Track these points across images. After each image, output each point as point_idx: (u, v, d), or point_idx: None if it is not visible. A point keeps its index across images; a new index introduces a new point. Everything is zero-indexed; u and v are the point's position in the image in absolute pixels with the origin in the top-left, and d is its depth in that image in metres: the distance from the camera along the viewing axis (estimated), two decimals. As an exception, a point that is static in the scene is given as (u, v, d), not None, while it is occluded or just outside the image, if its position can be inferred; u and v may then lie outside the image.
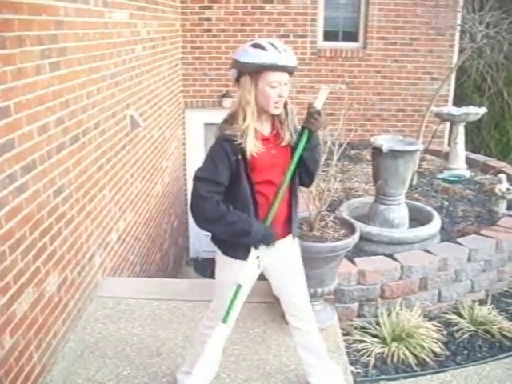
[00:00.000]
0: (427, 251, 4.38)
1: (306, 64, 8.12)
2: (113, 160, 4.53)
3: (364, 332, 3.98)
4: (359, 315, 4.14)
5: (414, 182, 6.19)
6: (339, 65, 8.28)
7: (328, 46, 8.27)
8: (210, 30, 8.08)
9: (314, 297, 3.59)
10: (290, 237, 2.75)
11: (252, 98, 2.44)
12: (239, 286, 2.58)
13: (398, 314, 4.02)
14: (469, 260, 4.41)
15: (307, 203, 3.59)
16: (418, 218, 5.00)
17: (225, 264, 2.69)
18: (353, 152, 7.43)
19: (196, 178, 2.50)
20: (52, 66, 3.27)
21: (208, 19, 8.05)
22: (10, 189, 2.79)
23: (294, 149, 2.57)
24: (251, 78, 2.42)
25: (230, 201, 2.51)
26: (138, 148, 5.41)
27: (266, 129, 2.56)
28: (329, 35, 8.37)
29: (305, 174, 2.68)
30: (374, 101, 8.36)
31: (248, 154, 2.44)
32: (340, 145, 3.61)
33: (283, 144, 2.57)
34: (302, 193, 3.59)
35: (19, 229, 2.90)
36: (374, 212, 4.92)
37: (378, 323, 4.01)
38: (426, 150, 6.84)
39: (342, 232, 3.57)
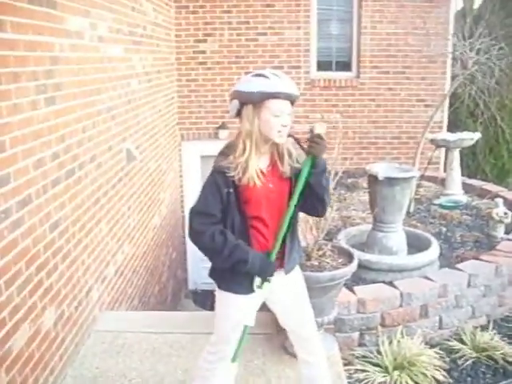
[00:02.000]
0: (427, 278, 4.36)
1: (301, 94, 8.10)
2: (109, 193, 4.53)
3: (365, 361, 3.93)
4: (360, 344, 4.09)
5: (412, 209, 6.19)
6: (333, 94, 8.36)
7: (321, 76, 8.36)
8: (204, 63, 8.16)
9: (313, 326, 3.56)
10: (288, 268, 2.69)
11: (255, 129, 2.42)
12: (246, 327, 2.57)
13: (399, 341, 3.98)
14: (469, 285, 4.39)
15: (304, 233, 3.58)
16: (416, 245, 4.99)
17: (224, 299, 2.66)
18: (349, 180, 7.45)
19: (190, 212, 2.50)
20: (47, 101, 3.30)
21: (203, 52, 8.14)
22: (6, 224, 2.79)
23: (296, 180, 2.53)
24: (254, 108, 2.41)
25: None
26: (134, 181, 5.41)
27: (263, 162, 2.53)
28: (322, 65, 8.47)
29: (316, 201, 2.61)
30: (368, 129, 8.42)
31: (247, 183, 2.41)
32: (336, 173, 3.62)
33: (284, 176, 2.54)
34: (299, 222, 3.60)
35: (15, 263, 2.88)
36: (372, 240, 4.91)
37: (379, 352, 3.97)
38: (422, 177, 6.85)
39: (341, 261, 3.55)
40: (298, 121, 8.13)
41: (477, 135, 6.61)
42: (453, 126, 8.75)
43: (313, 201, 2.61)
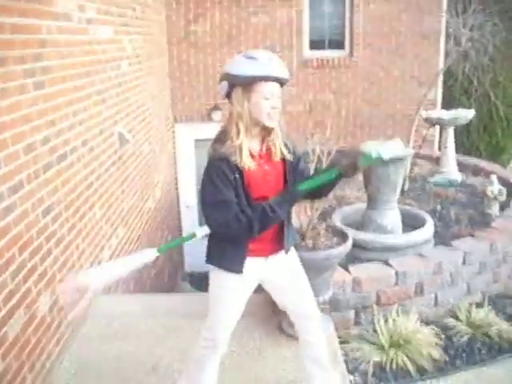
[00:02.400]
0: (422, 256, 4.37)
1: (293, 74, 8.13)
2: (102, 177, 4.50)
3: (361, 340, 3.95)
4: (356, 323, 4.12)
5: (406, 188, 6.19)
6: (326, 73, 8.31)
7: (315, 56, 8.31)
8: (196, 44, 8.09)
9: (309, 306, 3.56)
10: (282, 252, 2.68)
11: (245, 111, 2.39)
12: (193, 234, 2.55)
13: (394, 320, 4.00)
14: (464, 263, 4.40)
15: (298, 213, 3.58)
16: (411, 223, 4.99)
17: (220, 279, 2.64)
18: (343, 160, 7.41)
19: (205, 208, 2.46)
20: (36, 85, 3.25)
21: (194, 33, 8.07)
22: (-2, 210, 2.77)
23: (290, 164, 2.55)
24: (243, 90, 2.38)
25: None
26: (127, 164, 5.38)
27: (254, 145, 2.50)
28: (315, 44, 8.41)
29: (319, 195, 2.72)
30: (362, 108, 8.38)
31: (246, 169, 2.40)
32: (329, 153, 3.60)
33: (276, 159, 2.52)
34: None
35: (8, 249, 2.86)
36: (367, 219, 4.91)
37: (375, 330, 3.99)
38: (416, 155, 6.84)
39: (335, 240, 3.54)
40: (292, 101, 8.11)
41: (471, 113, 6.59)
42: (447, 104, 8.71)
43: (316, 194, 2.66)
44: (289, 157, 2.54)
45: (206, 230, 2.50)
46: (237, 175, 2.40)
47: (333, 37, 8.50)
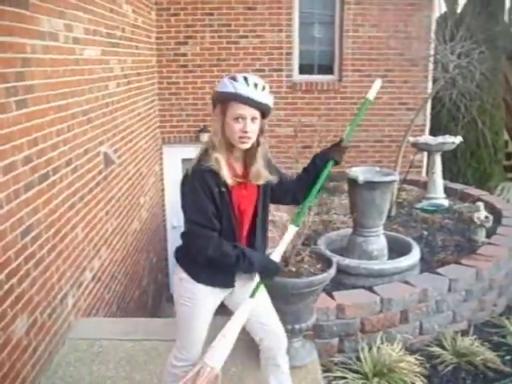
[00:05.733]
0: (407, 283, 4.33)
1: (282, 98, 8.15)
2: (86, 198, 4.45)
3: (345, 368, 3.88)
4: (339, 351, 4.05)
5: (393, 213, 6.17)
6: (315, 98, 8.33)
7: (304, 80, 8.33)
8: (185, 66, 8.10)
9: (292, 333, 3.50)
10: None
11: (219, 130, 2.42)
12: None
13: (379, 348, 3.94)
14: (449, 290, 4.36)
15: (281, 237, 3.53)
16: (397, 249, 4.96)
17: (192, 291, 2.60)
18: (331, 184, 7.41)
19: (188, 221, 2.48)
20: (18, 104, 3.21)
21: (184, 55, 8.08)
22: (-27, 230, 2.71)
23: (267, 187, 2.60)
24: (220, 110, 2.41)
25: None
26: (112, 185, 5.33)
27: (238, 165, 2.52)
28: (304, 68, 8.44)
29: (303, 193, 2.70)
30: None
31: (231, 185, 2.43)
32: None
33: (260, 182, 2.54)
34: (277, 227, 3.54)
35: (-17, 271, 2.80)
36: (353, 244, 4.88)
37: (358, 358, 3.93)
38: (404, 180, 6.84)
39: (319, 266, 3.49)
40: (280, 124, 8.12)
41: (458, 139, 6.61)
42: (434, 130, 8.77)
43: (296, 193, 2.73)
44: (264, 181, 2.56)
45: None
46: (223, 189, 2.41)
47: (322, 61, 8.54)
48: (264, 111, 2.42)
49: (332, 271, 3.43)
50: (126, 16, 6.09)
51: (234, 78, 2.39)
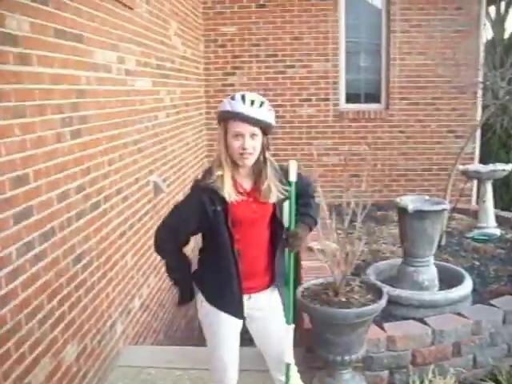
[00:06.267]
0: (459, 314, 4.20)
1: (330, 126, 8.16)
2: (135, 226, 4.51)
3: (396, 401, 3.79)
4: (390, 383, 3.95)
5: (443, 242, 6.04)
6: (362, 126, 8.29)
7: (350, 108, 8.31)
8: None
9: (341, 365, 3.45)
10: (268, 290, 2.76)
11: (222, 148, 2.50)
12: (288, 365, 2.73)
13: (431, 381, 3.82)
14: (504, 322, 4.22)
15: (332, 267, 3.49)
16: (448, 280, 4.83)
17: (212, 315, 2.69)
18: (379, 213, 7.32)
19: (160, 224, 2.72)
20: (73, 134, 3.30)
21: (231, 85, 8.18)
22: (27, 257, 2.77)
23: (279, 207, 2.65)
24: (222, 128, 2.50)
25: (211, 255, 2.64)
26: (161, 214, 5.38)
27: (246, 182, 2.59)
28: (351, 97, 8.43)
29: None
30: (398, 161, 8.30)
31: (231, 203, 2.47)
32: (364, 206, 3.53)
33: (271, 200, 2.58)
34: (327, 257, 3.51)
35: (36, 297, 2.85)
36: (403, 274, 4.78)
37: (410, 392, 3.82)
38: (454, 209, 6.69)
39: (369, 297, 3.43)
40: (327, 153, 8.11)
41: (509, 166, 6.46)
42: (485, 157, 8.59)
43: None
44: (277, 199, 2.60)
45: None
46: (218, 208, 2.46)
47: (368, 90, 8.53)
48: (263, 127, 2.48)
49: (383, 301, 3.36)
50: (176, 48, 6.22)
51: (232, 98, 2.46)
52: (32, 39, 2.84)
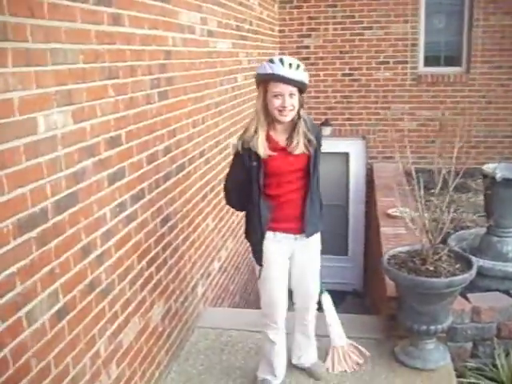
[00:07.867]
0: (547, 288, 4.05)
1: (407, 90, 7.91)
2: (216, 189, 4.52)
3: (479, 374, 3.69)
4: (472, 355, 3.86)
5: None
6: (441, 90, 7.98)
7: (429, 72, 8.01)
8: (308, 58, 8.02)
9: (426, 334, 3.39)
10: (308, 233, 3.00)
11: (260, 107, 2.79)
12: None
13: (517, 355, 3.71)
14: None
15: (420, 235, 3.40)
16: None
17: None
18: (458, 181, 7.09)
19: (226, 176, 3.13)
20: (161, 96, 3.30)
21: (306, 47, 8.03)
22: (120, 217, 2.80)
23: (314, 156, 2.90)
24: (262, 89, 2.79)
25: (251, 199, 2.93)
26: (239, 176, 5.39)
27: (281, 138, 2.87)
28: (430, 60, 8.12)
29: None
30: (478, 127, 7.99)
31: (265, 159, 2.79)
32: (457, 173, 3.40)
33: (297, 152, 2.83)
34: (415, 225, 3.42)
35: (128, 257, 2.90)
36: (487, 244, 4.63)
37: (494, 365, 3.72)
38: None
39: (458, 266, 3.34)
40: (403, 118, 7.89)
41: None
42: None
43: None
44: (309, 150, 2.86)
45: None
46: (254, 164, 2.80)
47: (448, 53, 8.19)
48: (300, 87, 2.75)
49: (473, 272, 3.27)
50: (253, 9, 6.12)
51: (271, 61, 2.72)
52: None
